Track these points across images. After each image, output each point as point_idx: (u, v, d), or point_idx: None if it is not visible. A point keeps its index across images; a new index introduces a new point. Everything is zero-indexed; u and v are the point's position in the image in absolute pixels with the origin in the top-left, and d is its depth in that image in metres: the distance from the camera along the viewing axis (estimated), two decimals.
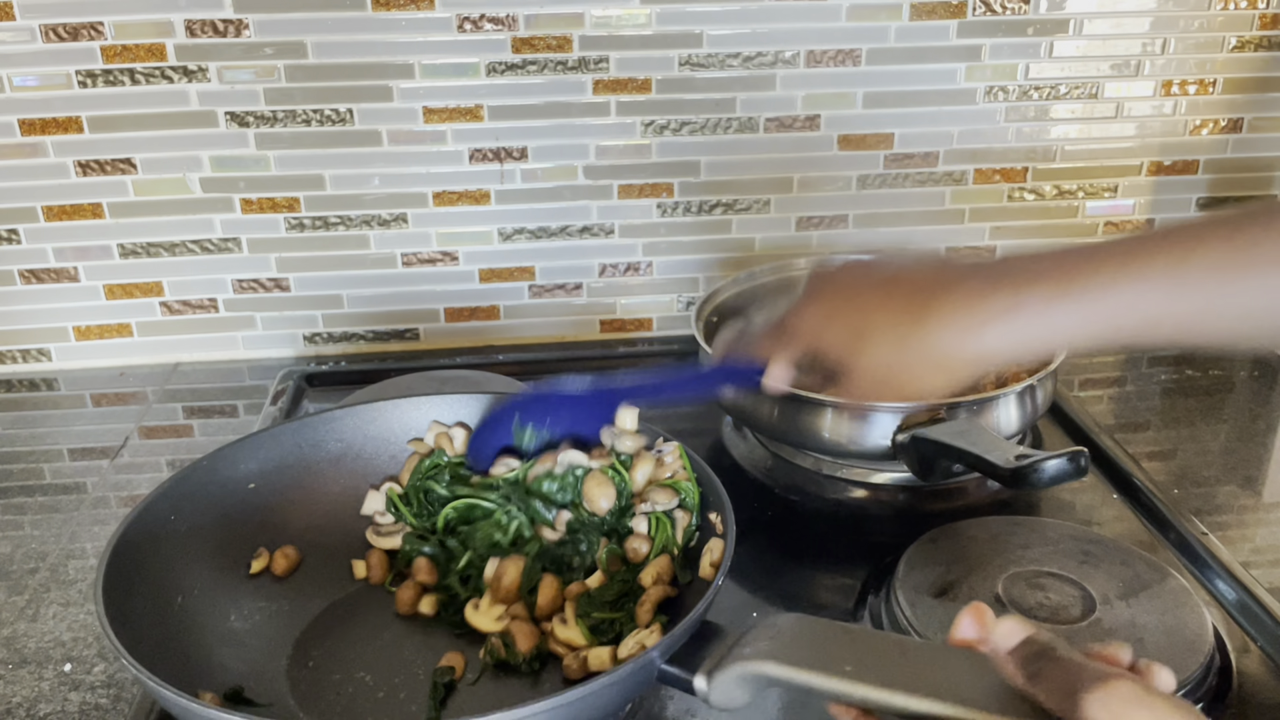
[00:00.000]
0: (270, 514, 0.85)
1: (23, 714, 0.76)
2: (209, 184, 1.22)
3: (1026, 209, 1.35)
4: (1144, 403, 1.18)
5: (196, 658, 0.73)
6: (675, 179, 1.27)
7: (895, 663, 0.55)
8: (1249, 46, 1.29)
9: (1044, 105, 1.29)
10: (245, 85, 1.17)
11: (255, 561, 0.83)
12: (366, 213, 1.25)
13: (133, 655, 0.62)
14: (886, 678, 0.53)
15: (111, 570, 0.70)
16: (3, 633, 0.85)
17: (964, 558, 0.85)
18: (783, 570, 0.91)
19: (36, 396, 1.25)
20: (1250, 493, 1.01)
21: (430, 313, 1.32)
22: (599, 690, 0.60)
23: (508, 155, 1.24)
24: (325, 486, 0.88)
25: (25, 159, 1.19)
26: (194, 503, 0.80)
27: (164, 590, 0.75)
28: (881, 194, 1.31)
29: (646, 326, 1.36)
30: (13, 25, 1.12)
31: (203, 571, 0.79)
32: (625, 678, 0.61)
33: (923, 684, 0.52)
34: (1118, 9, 1.25)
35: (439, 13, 1.16)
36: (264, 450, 0.86)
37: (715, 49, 1.21)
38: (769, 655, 0.58)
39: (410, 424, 0.91)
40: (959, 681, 0.51)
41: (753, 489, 1.03)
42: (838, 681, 0.54)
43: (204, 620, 0.77)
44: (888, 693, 0.53)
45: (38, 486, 1.06)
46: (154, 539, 0.76)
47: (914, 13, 1.22)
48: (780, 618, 0.61)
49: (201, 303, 1.28)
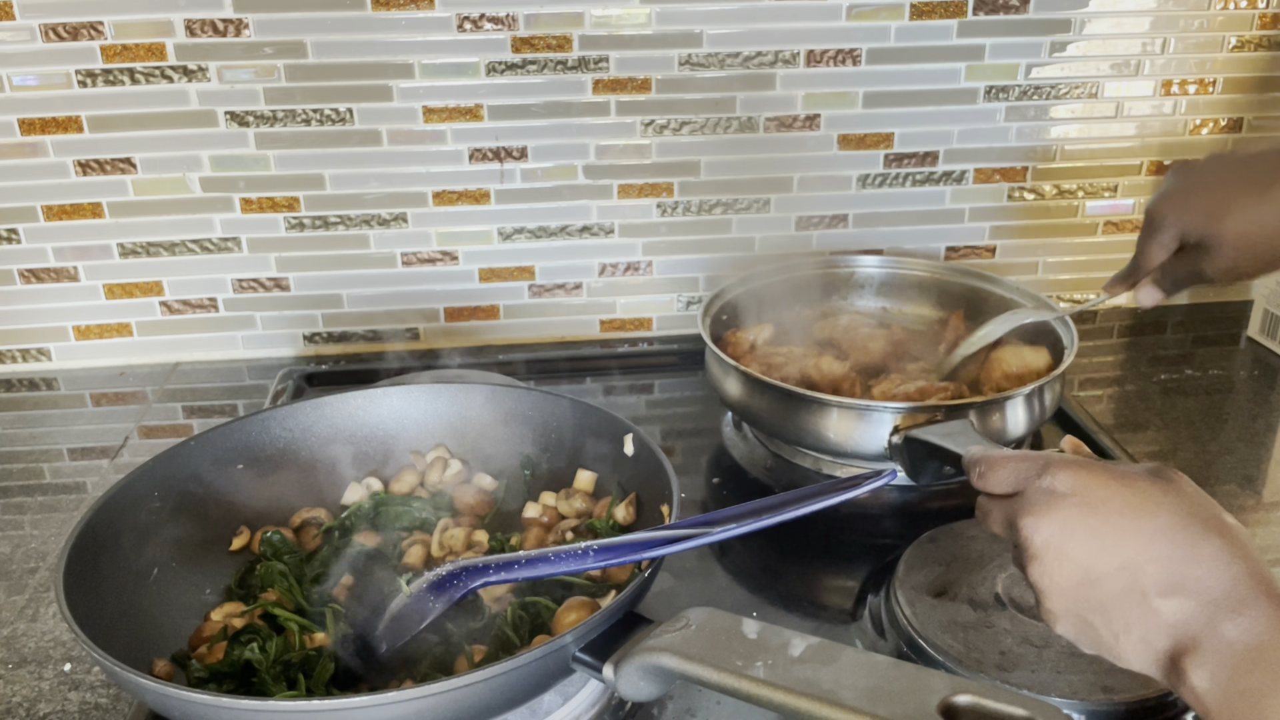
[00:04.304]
0: (255, 495, 0.87)
1: (23, 714, 0.76)
2: (209, 184, 1.22)
3: (1026, 209, 1.35)
4: (1144, 403, 1.18)
5: (161, 627, 0.75)
6: (675, 179, 1.27)
7: (785, 662, 0.56)
8: (1249, 46, 1.29)
9: (1044, 105, 1.29)
10: (245, 85, 1.17)
11: (236, 539, 0.85)
12: (366, 212, 1.25)
13: (89, 624, 0.64)
14: (772, 675, 0.55)
15: (82, 542, 0.72)
16: (3, 633, 0.85)
17: (963, 558, 0.85)
18: (783, 570, 0.91)
19: (36, 396, 1.25)
20: (1250, 493, 1.01)
21: (430, 313, 1.32)
22: (510, 673, 0.61)
23: (508, 155, 1.24)
24: (312, 471, 0.90)
25: (25, 159, 1.19)
26: (179, 482, 0.83)
27: (139, 564, 0.77)
28: (881, 194, 1.31)
29: (646, 326, 1.36)
30: (13, 25, 1.12)
31: (182, 547, 0.81)
32: (536, 661, 0.62)
33: (805, 683, 0.54)
34: (1118, 9, 1.25)
35: (439, 12, 1.16)
36: (253, 433, 0.88)
37: (715, 49, 1.21)
38: (667, 648, 0.59)
39: (400, 413, 0.93)
40: (845, 683, 0.53)
41: (753, 489, 1.03)
42: (725, 677, 0.56)
43: (175, 593, 0.79)
44: (768, 690, 0.54)
45: (38, 486, 1.06)
46: (133, 515, 0.78)
47: (914, 12, 1.22)
48: (692, 611, 0.62)
49: (201, 302, 1.28)
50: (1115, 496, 0.55)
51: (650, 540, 0.67)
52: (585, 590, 0.77)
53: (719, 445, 1.11)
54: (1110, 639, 0.55)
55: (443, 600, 0.70)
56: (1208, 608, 0.52)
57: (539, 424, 0.92)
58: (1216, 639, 0.51)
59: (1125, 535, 0.54)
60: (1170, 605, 0.53)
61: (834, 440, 0.96)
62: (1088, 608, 0.55)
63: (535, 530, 0.86)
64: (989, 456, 0.62)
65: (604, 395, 1.24)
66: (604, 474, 0.88)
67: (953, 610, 0.79)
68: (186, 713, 0.62)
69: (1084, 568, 0.55)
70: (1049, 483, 0.57)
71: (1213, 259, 0.83)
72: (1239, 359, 1.28)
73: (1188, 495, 0.56)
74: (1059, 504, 0.56)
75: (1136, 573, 0.53)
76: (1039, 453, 0.61)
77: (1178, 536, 0.54)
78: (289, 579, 0.80)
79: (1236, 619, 0.51)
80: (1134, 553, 0.54)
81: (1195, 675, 0.51)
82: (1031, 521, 0.57)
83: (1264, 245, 0.81)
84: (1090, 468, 0.57)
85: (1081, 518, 0.55)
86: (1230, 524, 0.55)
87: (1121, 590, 0.54)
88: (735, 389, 1.02)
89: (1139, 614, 0.53)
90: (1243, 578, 0.52)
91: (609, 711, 0.75)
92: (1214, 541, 0.53)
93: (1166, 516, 0.54)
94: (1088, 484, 0.56)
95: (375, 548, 0.85)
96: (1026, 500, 0.58)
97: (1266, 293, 1.29)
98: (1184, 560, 0.53)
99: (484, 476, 0.92)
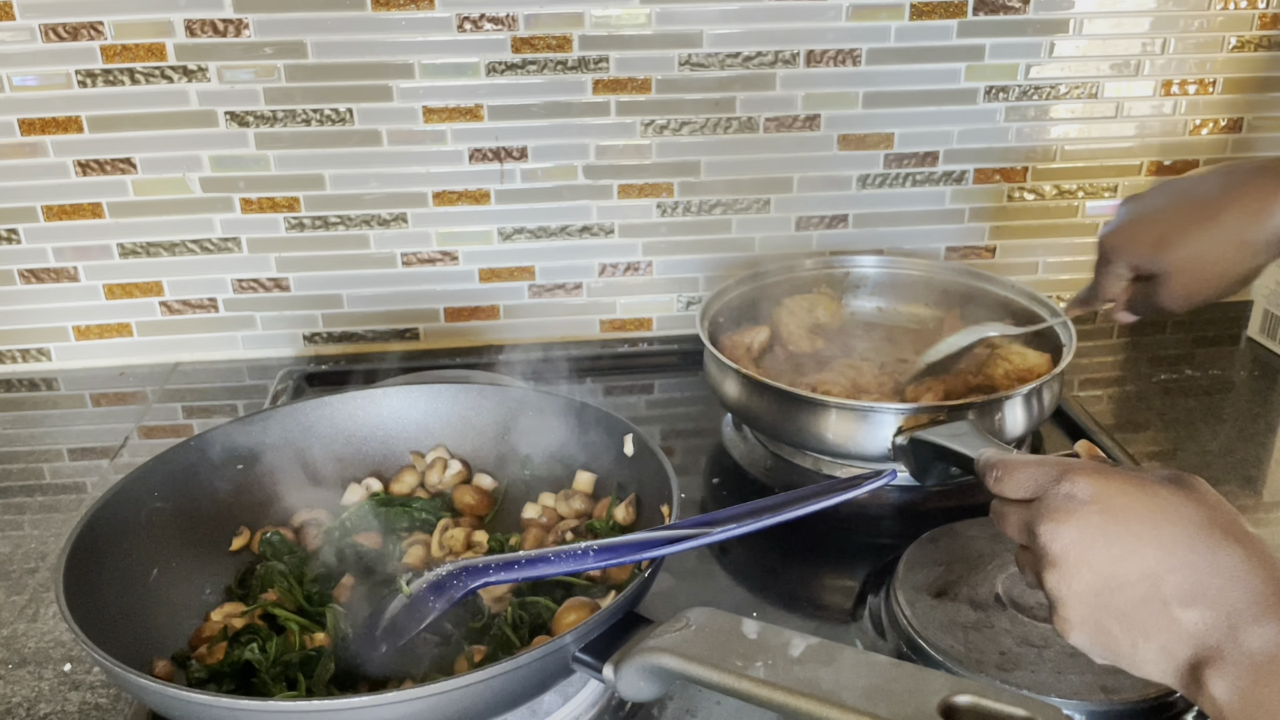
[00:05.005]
0: (256, 495, 0.87)
1: (23, 714, 0.76)
2: (209, 184, 1.22)
3: (1026, 209, 1.35)
4: (1144, 403, 1.18)
5: (161, 627, 0.75)
6: (675, 179, 1.27)
7: (785, 662, 0.56)
8: (1249, 46, 1.29)
9: (1044, 105, 1.29)
10: (245, 85, 1.17)
11: (236, 539, 0.85)
12: (366, 212, 1.25)
13: (89, 624, 0.64)
14: (772, 676, 0.55)
15: (82, 542, 0.72)
16: (3, 633, 0.85)
17: (963, 558, 0.85)
18: (783, 570, 0.91)
19: (36, 396, 1.25)
20: (1250, 493, 1.01)
21: (430, 313, 1.32)
22: (510, 673, 0.61)
23: (508, 155, 1.24)
24: (313, 471, 0.90)
25: (25, 159, 1.19)
26: (179, 482, 0.83)
27: (139, 564, 0.77)
28: (881, 194, 1.31)
29: (646, 326, 1.36)
30: (13, 25, 1.12)
31: (182, 547, 0.81)
32: (536, 661, 0.62)
33: (805, 684, 0.54)
34: (1118, 9, 1.25)
35: (439, 12, 1.16)
36: (253, 433, 0.88)
37: (715, 49, 1.21)
38: (667, 648, 0.59)
39: (400, 413, 0.93)
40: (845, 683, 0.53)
41: (753, 489, 1.03)
42: (725, 677, 0.56)
43: (175, 593, 0.79)
44: (768, 690, 0.54)
45: (38, 486, 1.06)
46: (133, 514, 0.78)
47: (914, 12, 1.22)
48: (692, 611, 0.62)
49: (201, 302, 1.28)
50: (1136, 504, 0.55)
51: (650, 540, 0.67)
52: (585, 590, 0.77)
53: (719, 445, 1.11)
54: (1129, 648, 0.54)
55: (443, 600, 0.70)
56: (1229, 618, 0.51)
57: (539, 424, 0.92)
58: (1237, 649, 0.50)
59: (1145, 543, 0.54)
60: (1191, 615, 0.52)
61: (834, 442, 0.96)
62: (1107, 616, 0.54)
63: (535, 531, 0.86)
64: (1006, 461, 0.62)
65: (604, 395, 1.24)
66: (604, 474, 0.88)
67: (953, 610, 0.79)
68: (186, 713, 0.62)
69: (1104, 576, 0.54)
70: (1068, 489, 0.56)
71: (1167, 288, 0.85)
72: (1239, 359, 1.28)
73: (1208, 503, 0.55)
74: (1078, 511, 0.55)
75: (1157, 581, 0.53)
76: (1056, 458, 0.60)
77: (1198, 545, 0.53)
78: (289, 579, 0.80)
79: (1258, 629, 0.50)
80: (1155, 561, 0.53)
81: (1215, 686, 0.50)
82: (1050, 528, 0.56)
83: (1215, 271, 0.82)
84: (1109, 474, 0.57)
85: (1101, 525, 0.55)
86: (1251, 533, 0.54)
87: (1142, 599, 0.53)
88: (734, 391, 1.02)
89: (1159, 623, 0.53)
90: (1264, 587, 0.51)
91: (609, 711, 0.75)
92: (1235, 550, 0.53)
93: (1187, 525, 0.54)
94: (1108, 491, 0.55)
95: (375, 548, 0.85)
96: (1045, 506, 0.57)
97: (1266, 293, 1.29)
98: (1205, 569, 0.52)
99: (484, 476, 0.92)
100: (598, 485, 0.89)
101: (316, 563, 0.83)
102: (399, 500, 0.90)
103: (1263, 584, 0.52)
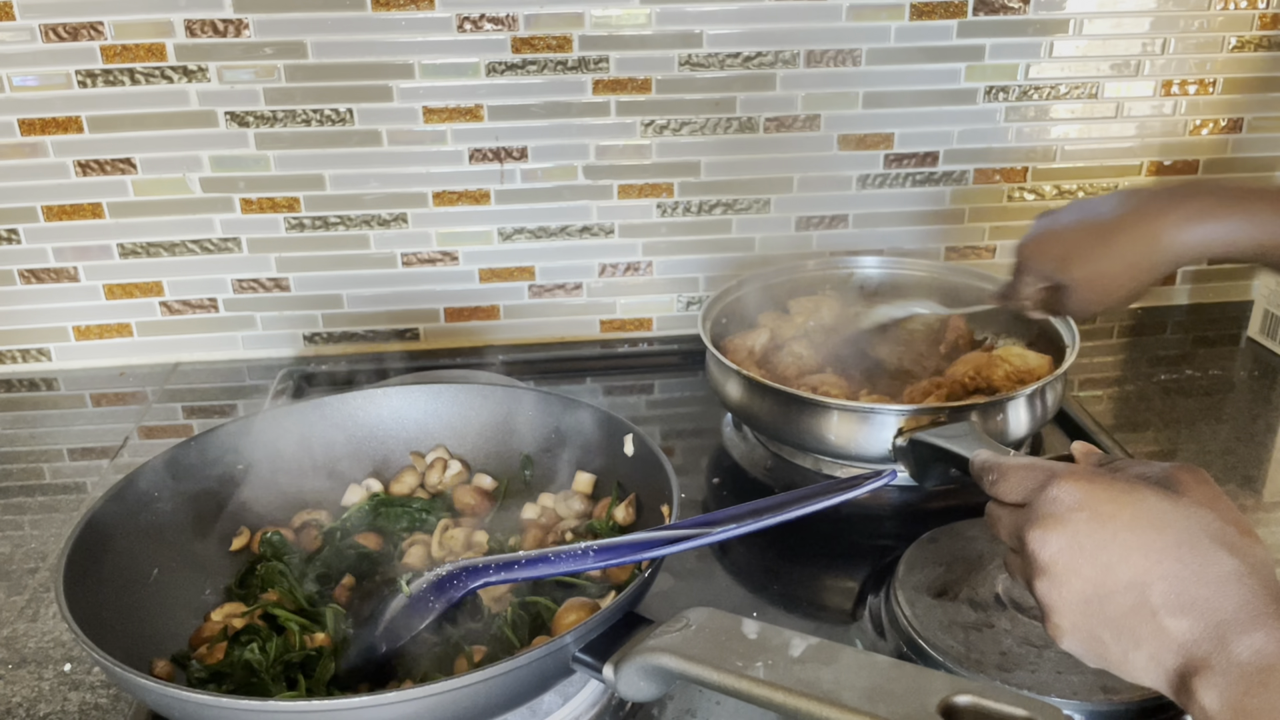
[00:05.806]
0: (256, 495, 0.87)
1: (23, 714, 0.76)
2: (209, 184, 1.22)
3: (1026, 209, 1.35)
4: (1144, 403, 1.18)
5: (161, 627, 0.75)
6: (675, 179, 1.27)
7: (785, 662, 0.56)
8: (1249, 46, 1.29)
9: (1044, 105, 1.29)
10: (245, 85, 1.17)
11: (236, 539, 0.85)
12: (366, 213, 1.25)
13: (89, 624, 0.64)
14: (772, 676, 0.55)
15: (82, 542, 0.72)
16: (3, 633, 0.85)
17: (963, 558, 0.85)
18: (783, 570, 0.91)
19: (36, 396, 1.25)
20: (1250, 493, 1.01)
21: (430, 313, 1.32)
22: (510, 673, 0.61)
23: (508, 155, 1.24)
24: (314, 472, 0.90)
25: (25, 159, 1.19)
26: (179, 482, 0.83)
27: (139, 564, 0.77)
28: (881, 194, 1.31)
29: (646, 326, 1.36)
30: (13, 25, 1.12)
31: (182, 547, 0.81)
32: (536, 662, 0.62)
33: (805, 684, 0.54)
34: (1118, 9, 1.25)
35: (439, 13, 1.16)
36: (253, 433, 0.88)
37: (715, 49, 1.21)
38: (667, 648, 0.59)
39: (400, 413, 0.93)
40: (845, 684, 0.53)
41: (753, 489, 1.03)
42: (725, 677, 0.56)
43: (175, 593, 0.79)
44: (768, 690, 0.54)
45: (38, 486, 1.06)
46: (133, 514, 0.78)
47: (914, 13, 1.22)
48: (692, 611, 0.62)
49: (201, 303, 1.28)
50: (1123, 511, 0.54)
51: (650, 540, 0.67)
52: (585, 591, 0.77)
53: (719, 446, 1.11)
54: (1119, 656, 0.54)
55: (442, 600, 0.70)
56: (1218, 628, 0.51)
57: (539, 424, 0.92)
58: (1227, 659, 0.50)
59: (1133, 551, 0.53)
60: (1180, 624, 0.52)
61: (835, 443, 0.96)
62: (1097, 623, 0.54)
63: (535, 531, 0.86)
64: (1001, 464, 0.62)
65: (604, 395, 1.24)
66: (604, 474, 0.88)
67: (953, 610, 0.79)
68: (186, 713, 0.62)
69: (1092, 584, 0.54)
70: (1055, 494, 0.56)
71: (1069, 298, 0.90)
72: (1239, 359, 1.28)
73: (1199, 509, 0.55)
74: (1066, 518, 0.55)
75: (1145, 590, 0.53)
76: (1047, 461, 0.60)
77: (1185, 554, 0.53)
78: (289, 579, 0.80)
79: (1247, 639, 0.50)
80: (1142, 570, 0.53)
81: (1205, 695, 0.50)
82: (1039, 535, 0.56)
83: (1109, 288, 0.87)
84: (1097, 479, 0.56)
85: (1089, 533, 0.54)
86: (1241, 539, 0.54)
87: (1130, 608, 0.53)
88: (736, 393, 1.02)
89: (1148, 632, 0.53)
90: (1253, 597, 0.51)
91: (609, 711, 0.75)
92: (1224, 559, 0.53)
93: (1174, 533, 0.54)
94: (1095, 497, 0.55)
95: (375, 548, 0.85)
96: (1034, 512, 0.57)
97: (1266, 293, 1.29)
98: (1193, 579, 0.52)
99: (484, 477, 0.92)
100: (598, 485, 0.89)
101: (316, 563, 0.83)
102: (399, 500, 0.90)
103: (1252, 593, 0.51)
